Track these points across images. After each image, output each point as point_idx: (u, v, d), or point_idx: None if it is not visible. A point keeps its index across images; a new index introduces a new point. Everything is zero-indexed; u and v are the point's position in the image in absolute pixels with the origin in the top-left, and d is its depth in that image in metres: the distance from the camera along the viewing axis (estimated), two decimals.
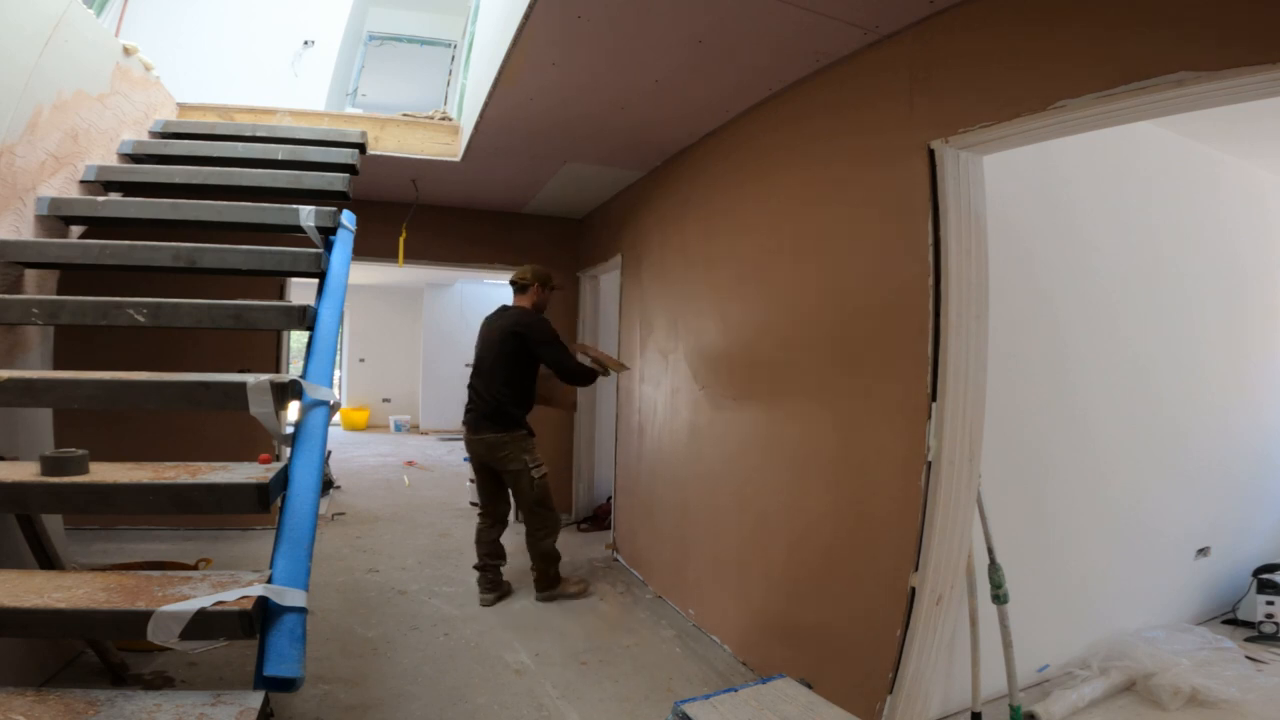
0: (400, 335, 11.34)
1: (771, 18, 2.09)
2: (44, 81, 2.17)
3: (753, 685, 1.86)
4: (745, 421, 2.86)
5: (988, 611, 2.19)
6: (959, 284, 1.91)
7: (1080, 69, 1.58)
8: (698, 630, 3.11)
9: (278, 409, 1.58)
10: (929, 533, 1.91)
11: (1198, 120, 2.86)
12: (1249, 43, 1.29)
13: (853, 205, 2.28)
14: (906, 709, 1.97)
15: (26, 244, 2.04)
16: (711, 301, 3.18)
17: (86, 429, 2.39)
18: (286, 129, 3.27)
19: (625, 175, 4.04)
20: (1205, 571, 3.32)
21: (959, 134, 1.87)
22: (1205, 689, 2.47)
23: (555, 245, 5.24)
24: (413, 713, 2.32)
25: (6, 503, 1.47)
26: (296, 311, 1.96)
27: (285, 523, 1.41)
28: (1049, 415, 2.63)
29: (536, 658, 2.80)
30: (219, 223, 2.37)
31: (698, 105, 2.88)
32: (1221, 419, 3.37)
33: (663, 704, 2.41)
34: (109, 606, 1.19)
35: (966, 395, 1.93)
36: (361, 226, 2.61)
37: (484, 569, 3.49)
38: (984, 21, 1.83)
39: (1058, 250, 2.65)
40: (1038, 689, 2.54)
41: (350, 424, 10.67)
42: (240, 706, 1.11)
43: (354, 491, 6.07)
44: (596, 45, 2.37)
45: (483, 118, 3.13)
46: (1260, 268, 3.61)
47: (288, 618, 1.25)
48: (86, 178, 2.43)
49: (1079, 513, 2.76)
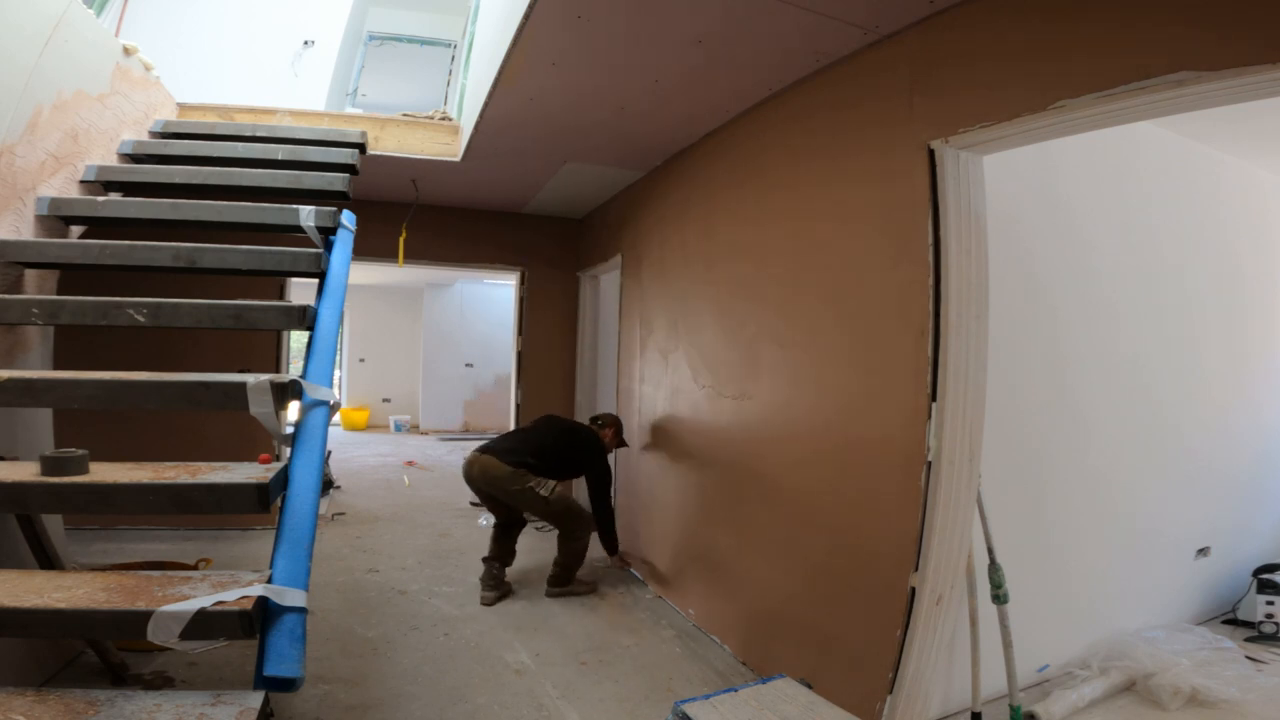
0: (400, 335, 11.34)
1: (771, 18, 2.09)
2: (44, 81, 2.17)
3: (753, 685, 1.86)
4: (745, 421, 2.86)
5: (988, 611, 2.19)
6: (959, 284, 1.91)
7: (1080, 69, 1.58)
8: (698, 630, 3.10)
9: (278, 409, 1.58)
10: (929, 533, 1.91)
11: (1198, 120, 2.86)
12: (1249, 43, 1.29)
13: (853, 205, 2.28)
14: (906, 709, 1.97)
15: (26, 244, 2.04)
16: (711, 301, 3.18)
17: (86, 429, 2.39)
18: (286, 129, 3.27)
19: (625, 175, 4.04)
20: (1205, 571, 3.32)
21: (959, 134, 1.87)
22: (1205, 689, 2.47)
23: (555, 245, 5.24)
24: (413, 713, 2.32)
25: (6, 503, 1.47)
26: (296, 311, 1.96)
27: (285, 523, 1.41)
28: (1049, 415, 2.63)
29: (536, 658, 2.80)
30: (219, 223, 2.37)
31: (698, 105, 2.88)
32: (1221, 419, 3.37)
33: (663, 704, 2.41)
34: (109, 606, 1.19)
35: (966, 395, 1.93)
36: (361, 226, 2.61)
37: (491, 562, 3.51)
38: (984, 21, 1.83)
39: (1058, 250, 2.65)
40: (1038, 689, 2.53)
41: (350, 424, 10.67)
42: (240, 706, 1.11)
43: (354, 491, 6.07)
44: (596, 45, 2.37)
45: (483, 118, 3.13)
46: (1260, 268, 3.61)
47: (288, 618, 1.25)
48: (86, 178, 2.43)
49: (1079, 512, 2.76)
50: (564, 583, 3.52)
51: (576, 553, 3.50)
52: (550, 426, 3.75)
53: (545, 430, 3.70)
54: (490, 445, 3.53)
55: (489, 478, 3.39)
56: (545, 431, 3.69)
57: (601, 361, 5.09)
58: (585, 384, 5.24)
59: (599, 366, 5.17)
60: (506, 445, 3.53)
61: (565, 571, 3.52)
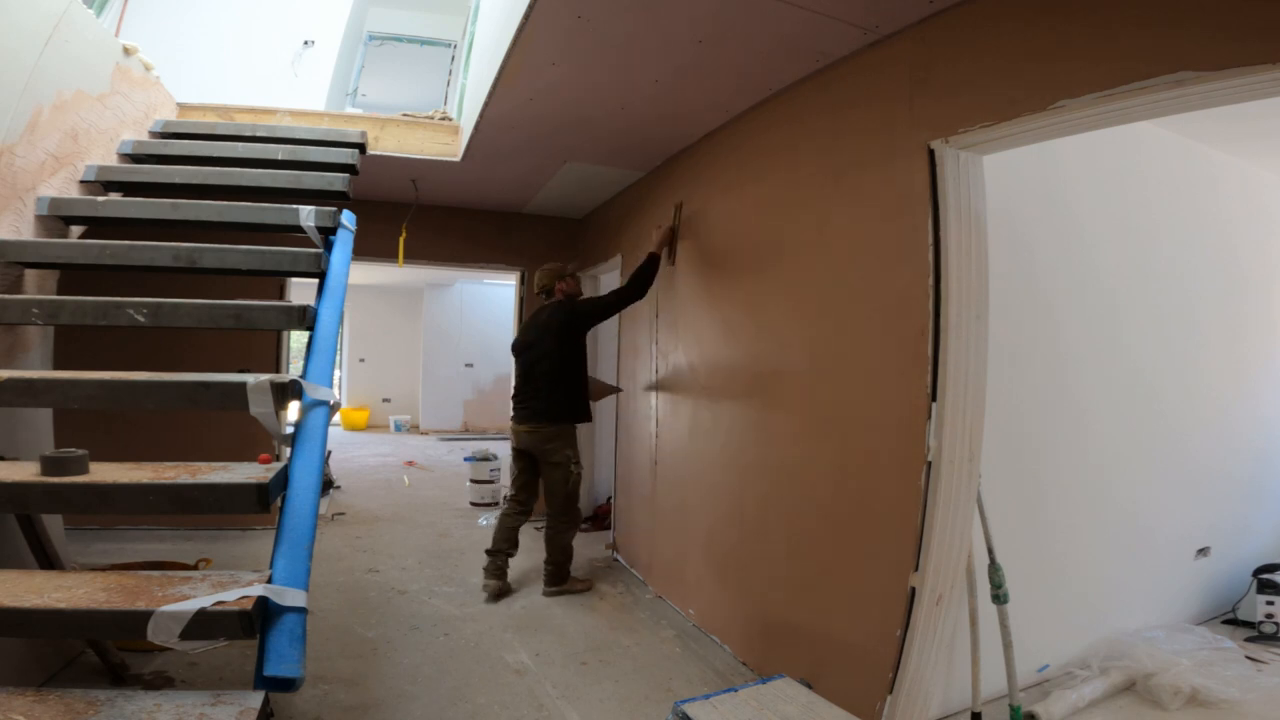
0: (400, 335, 11.35)
1: (771, 18, 2.09)
2: (44, 81, 2.17)
3: (753, 685, 1.86)
4: (745, 421, 2.86)
5: (988, 611, 2.19)
6: (959, 284, 1.91)
7: (1080, 69, 1.58)
8: (698, 630, 3.11)
9: (278, 409, 1.58)
10: (929, 533, 1.91)
11: (1198, 120, 2.86)
12: (1249, 43, 1.29)
13: (853, 205, 2.28)
14: (906, 709, 1.97)
15: (26, 244, 2.04)
16: (711, 302, 3.18)
17: (86, 429, 2.39)
18: (286, 129, 3.27)
19: (625, 175, 4.04)
20: (1205, 571, 3.32)
21: (959, 134, 1.87)
22: (1205, 689, 2.47)
23: (555, 245, 5.24)
24: (413, 713, 2.32)
25: (6, 503, 1.46)
26: (296, 311, 1.96)
27: (285, 523, 1.41)
28: (1049, 415, 2.63)
29: (536, 658, 2.80)
30: (219, 223, 2.37)
31: (698, 105, 2.88)
32: (1221, 418, 3.37)
33: (663, 704, 2.41)
34: (109, 606, 1.19)
35: (966, 395, 1.93)
36: (361, 226, 2.60)
37: (495, 554, 3.55)
38: (984, 21, 1.83)
39: (1058, 250, 2.65)
40: (1038, 689, 2.53)
41: (350, 424, 10.68)
42: (240, 706, 1.11)
43: (354, 491, 6.07)
44: (596, 45, 2.37)
45: (483, 118, 3.13)
46: (1260, 268, 3.61)
47: (288, 618, 1.25)
48: (86, 178, 2.43)
49: (1079, 512, 2.76)
50: (560, 581, 3.55)
51: (563, 547, 3.55)
52: (533, 349, 3.61)
53: (531, 355, 3.61)
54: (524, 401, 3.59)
55: (536, 437, 3.51)
56: (532, 356, 3.60)
57: (602, 362, 5.09)
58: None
59: (599, 367, 5.17)
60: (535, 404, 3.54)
61: (559, 570, 3.55)
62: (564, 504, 3.52)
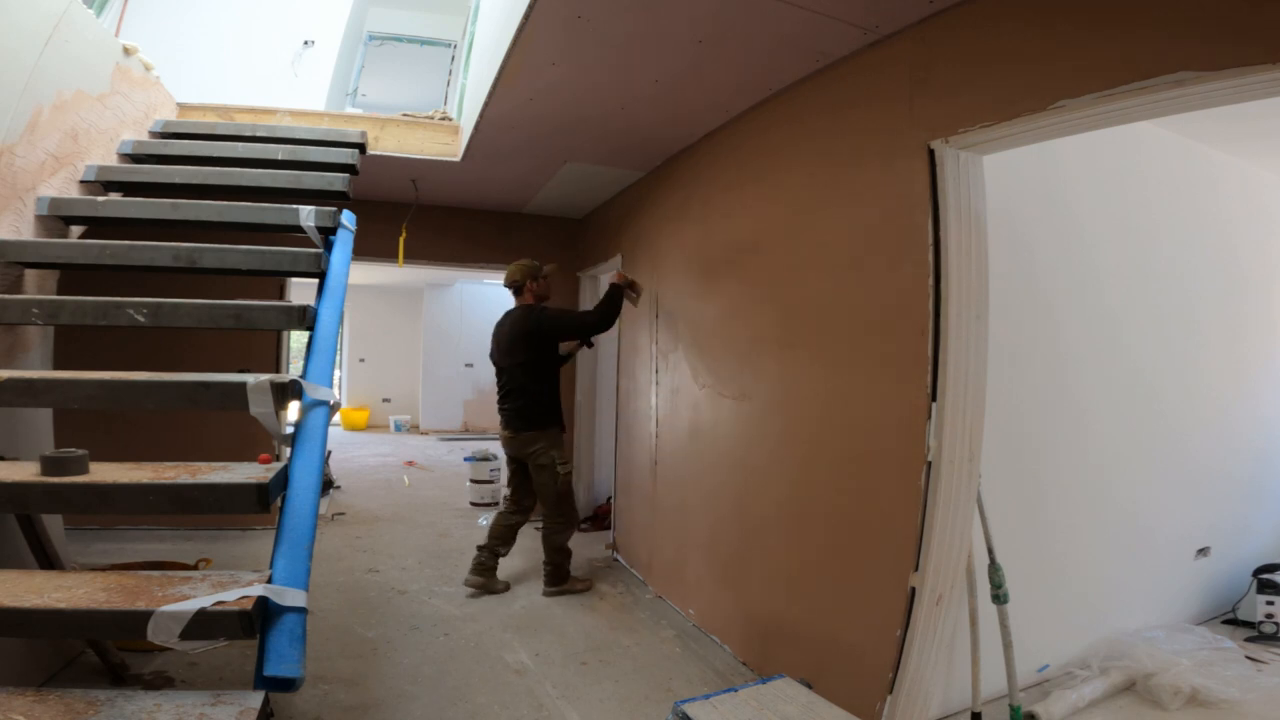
0: (400, 335, 11.34)
1: (771, 18, 2.09)
2: (44, 81, 2.17)
3: (753, 685, 1.86)
4: (745, 421, 2.86)
5: (988, 611, 2.19)
6: (959, 284, 1.91)
7: (1080, 69, 1.58)
8: (698, 630, 3.10)
9: (278, 409, 1.58)
10: (929, 533, 1.91)
11: (1198, 120, 2.86)
12: (1249, 43, 1.29)
13: (853, 205, 2.28)
14: (906, 709, 1.97)
15: (26, 244, 2.04)
16: (711, 301, 3.18)
17: (86, 429, 2.39)
18: (286, 129, 3.27)
19: (625, 175, 4.04)
20: (1205, 571, 3.32)
21: (959, 134, 1.87)
22: (1205, 689, 2.47)
23: (555, 245, 5.24)
24: (413, 713, 2.32)
25: (6, 503, 1.46)
26: (296, 311, 1.96)
27: (285, 523, 1.41)
28: (1049, 415, 2.63)
29: (536, 658, 2.80)
30: (219, 223, 2.37)
31: (698, 105, 2.88)
32: (1221, 418, 3.37)
33: (663, 704, 2.41)
34: (109, 606, 1.19)
35: (966, 395, 1.93)
36: (361, 226, 2.60)
37: (482, 549, 3.56)
38: (984, 21, 1.83)
39: (1058, 250, 2.65)
40: (1038, 689, 2.54)
41: (350, 424, 10.67)
42: (240, 706, 1.11)
43: (354, 491, 6.07)
44: (596, 45, 2.37)
45: (483, 118, 3.13)
46: (1260, 268, 3.61)
47: (288, 618, 1.25)
48: (86, 178, 2.43)
49: (1079, 512, 2.76)
50: (559, 580, 3.56)
51: (559, 547, 3.55)
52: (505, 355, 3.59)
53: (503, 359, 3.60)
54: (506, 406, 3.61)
55: (520, 442, 3.54)
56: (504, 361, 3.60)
57: (601, 362, 5.09)
58: (585, 384, 5.24)
59: (599, 367, 5.18)
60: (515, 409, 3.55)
61: (557, 570, 3.56)
62: (557, 504, 3.53)
